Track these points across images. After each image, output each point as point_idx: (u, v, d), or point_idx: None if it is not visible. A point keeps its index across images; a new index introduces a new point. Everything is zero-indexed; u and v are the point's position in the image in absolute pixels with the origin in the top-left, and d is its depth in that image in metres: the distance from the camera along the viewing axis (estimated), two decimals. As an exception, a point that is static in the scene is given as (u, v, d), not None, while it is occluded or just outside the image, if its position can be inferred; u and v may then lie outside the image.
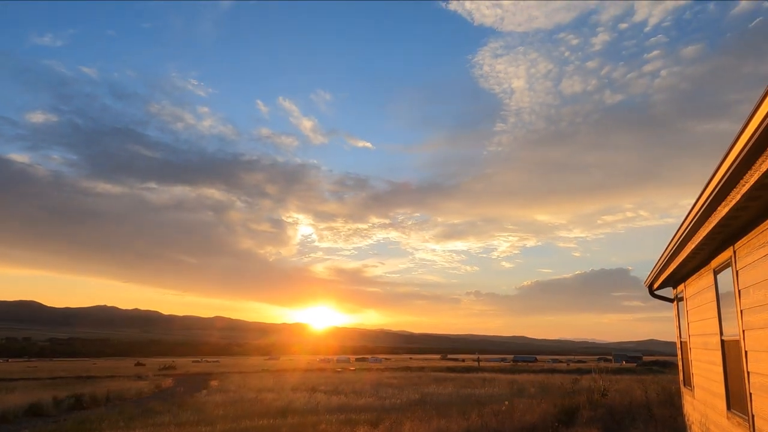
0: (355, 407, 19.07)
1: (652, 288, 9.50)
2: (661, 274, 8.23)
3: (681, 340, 9.42)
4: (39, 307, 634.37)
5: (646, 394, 15.70)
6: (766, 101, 2.83)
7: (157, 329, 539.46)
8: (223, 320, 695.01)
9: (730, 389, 5.83)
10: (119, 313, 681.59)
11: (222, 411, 17.94)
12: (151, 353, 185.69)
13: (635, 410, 14.14)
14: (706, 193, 4.32)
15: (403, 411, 17.29)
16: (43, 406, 19.40)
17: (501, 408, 15.56)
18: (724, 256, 5.60)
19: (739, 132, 3.35)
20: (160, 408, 18.99)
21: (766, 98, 2.82)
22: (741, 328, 5.04)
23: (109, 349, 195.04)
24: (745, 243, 4.81)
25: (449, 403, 19.60)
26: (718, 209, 4.40)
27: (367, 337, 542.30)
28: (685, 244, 5.88)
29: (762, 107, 2.89)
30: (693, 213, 4.94)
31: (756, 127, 3.01)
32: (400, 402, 20.85)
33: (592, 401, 16.20)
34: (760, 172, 3.31)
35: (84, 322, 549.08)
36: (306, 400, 21.75)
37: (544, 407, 15.27)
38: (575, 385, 20.28)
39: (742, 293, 4.99)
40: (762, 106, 2.88)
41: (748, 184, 3.62)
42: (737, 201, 3.94)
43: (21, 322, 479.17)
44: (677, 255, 6.52)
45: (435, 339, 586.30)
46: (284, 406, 19.03)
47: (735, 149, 3.46)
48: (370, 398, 22.51)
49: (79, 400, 21.75)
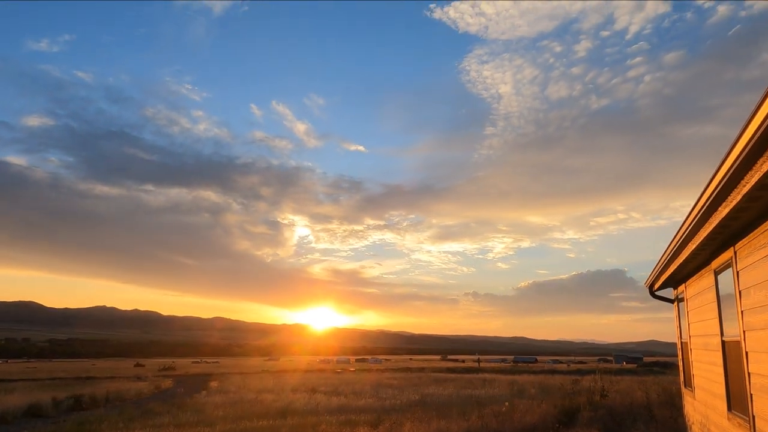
0: (355, 408, 19.06)
1: (652, 289, 9.48)
2: (661, 274, 8.21)
3: (682, 341, 9.40)
4: (38, 308, 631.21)
5: (647, 395, 15.70)
6: (766, 102, 2.82)
7: (157, 330, 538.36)
8: (222, 321, 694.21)
9: (730, 390, 5.83)
10: (119, 313, 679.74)
11: (222, 412, 17.93)
12: (150, 354, 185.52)
13: (636, 411, 14.12)
14: (707, 193, 4.31)
15: (403, 412, 17.28)
16: (42, 407, 19.37)
17: (501, 409, 15.55)
18: (724, 257, 5.60)
19: (740, 133, 3.34)
20: (159, 409, 18.97)
21: (766, 99, 2.82)
22: (742, 328, 5.03)
23: (109, 350, 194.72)
24: (745, 244, 4.80)
25: (449, 404, 19.57)
26: (719, 210, 4.40)
27: (366, 337, 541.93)
28: (685, 244, 5.87)
29: (762, 108, 2.88)
30: (693, 214, 4.93)
31: (756, 128, 3.00)
32: (400, 403, 20.83)
33: (592, 402, 16.17)
34: (760, 172, 3.31)
35: (83, 323, 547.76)
36: (306, 401, 21.74)
37: (545, 408, 15.26)
38: (575, 386, 20.22)
39: (742, 294, 4.98)
40: (762, 107, 2.88)
41: (748, 184, 3.61)
42: (738, 202, 3.93)
43: (20, 323, 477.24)
44: (678, 256, 6.50)
45: (435, 340, 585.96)
46: (284, 407, 19.01)
47: (735, 150, 3.45)
48: (370, 399, 22.49)
49: (79, 401, 21.71)
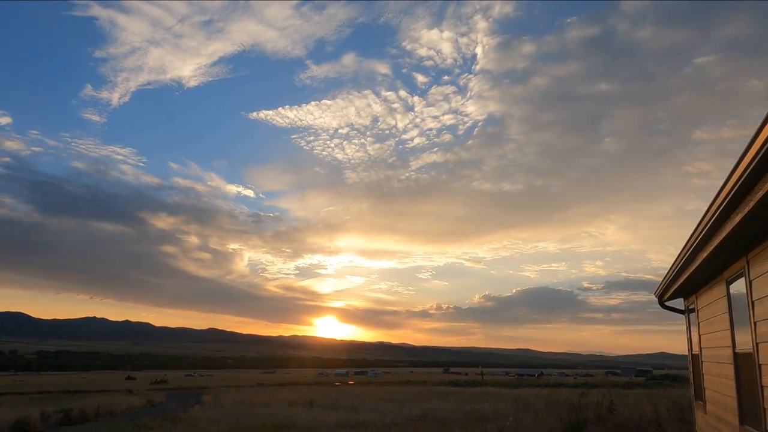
0: (354, 423, 18.72)
1: (662, 299, 9.35)
2: (671, 284, 8.09)
3: (692, 353, 9.24)
4: (26, 319, 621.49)
5: (656, 408, 15.42)
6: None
7: (148, 341, 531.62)
8: (216, 332, 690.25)
9: (743, 404, 5.73)
10: (109, 324, 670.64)
11: (216, 427, 17.57)
12: (142, 366, 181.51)
13: (645, 426, 13.84)
14: (718, 201, 4.25)
15: (404, 427, 17.00)
16: (29, 421, 18.79)
17: (505, 423, 15.28)
18: (737, 266, 5.50)
19: (752, 140, 3.29)
20: (151, 424, 18.55)
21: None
22: (755, 340, 4.92)
23: (99, 362, 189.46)
24: (759, 252, 4.71)
25: (452, 419, 19.22)
26: (731, 218, 4.32)
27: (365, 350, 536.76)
28: (696, 253, 5.77)
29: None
30: (704, 222, 4.85)
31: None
32: (401, 418, 20.43)
33: (600, 416, 15.92)
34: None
35: (72, 334, 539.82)
36: (303, 415, 21.37)
37: (550, 422, 15.02)
38: (582, 400, 19.92)
39: (755, 304, 4.88)
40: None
41: (762, 190, 3.55)
42: (750, 209, 3.86)
43: (7, 334, 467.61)
44: (688, 265, 6.40)
45: (436, 352, 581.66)
46: (280, 422, 18.64)
47: (747, 156, 3.40)
48: (369, 413, 22.04)
49: (68, 415, 21.12)
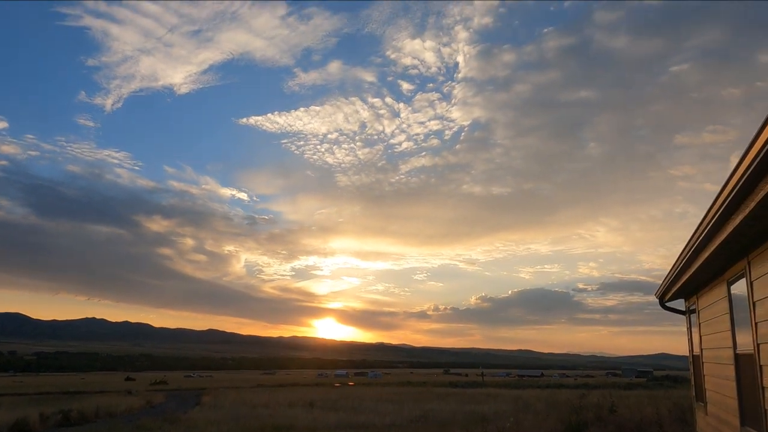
0: (354, 424, 18.70)
1: (663, 300, 9.33)
2: (672, 285, 8.08)
3: (693, 354, 9.23)
4: (25, 320, 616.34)
5: (657, 410, 15.41)
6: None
7: (148, 342, 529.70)
8: (216, 333, 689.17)
9: (744, 405, 5.71)
10: (108, 325, 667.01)
11: (216, 428, 17.55)
12: (141, 367, 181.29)
13: (646, 427, 13.84)
14: (719, 202, 4.23)
15: (404, 428, 17.00)
16: (29, 422, 18.80)
17: (506, 425, 15.25)
18: (738, 267, 5.48)
19: (753, 140, 3.28)
20: (151, 425, 18.54)
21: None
22: (756, 341, 4.91)
23: (98, 363, 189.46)
24: (760, 253, 4.70)
25: (452, 421, 19.20)
26: (732, 218, 4.30)
27: (364, 351, 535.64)
28: (697, 254, 5.76)
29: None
30: (705, 223, 4.83)
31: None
32: (401, 419, 20.41)
33: (600, 417, 15.89)
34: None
35: (72, 335, 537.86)
36: (303, 416, 21.36)
37: (551, 424, 15.00)
38: (583, 401, 19.89)
39: (757, 305, 4.86)
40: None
41: (762, 191, 3.53)
42: (751, 210, 3.84)
43: (6, 336, 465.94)
44: (689, 266, 6.39)
45: (436, 353, 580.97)
46: (280, 423, 18.62)
47: (748, 157, 3.38)
48: (369, 415, 22.00)
49: (67, 416, 21.13)
